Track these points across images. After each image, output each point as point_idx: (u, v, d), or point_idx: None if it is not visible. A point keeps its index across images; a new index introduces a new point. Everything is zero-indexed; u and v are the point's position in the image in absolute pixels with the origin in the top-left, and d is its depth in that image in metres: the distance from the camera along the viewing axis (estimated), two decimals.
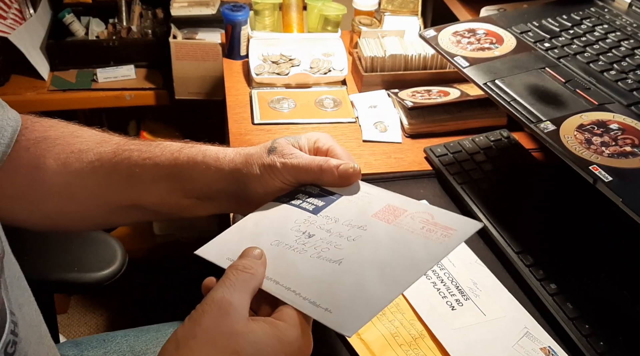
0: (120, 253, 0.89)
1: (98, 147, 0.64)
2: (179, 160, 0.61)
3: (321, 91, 1.05)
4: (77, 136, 0.66)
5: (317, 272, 0.49)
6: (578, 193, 0.80)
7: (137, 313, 1.65)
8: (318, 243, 0.52)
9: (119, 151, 0.63)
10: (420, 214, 0.54)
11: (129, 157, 0.62)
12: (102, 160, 0.63)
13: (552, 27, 0.83)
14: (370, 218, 0.55)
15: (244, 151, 0.61)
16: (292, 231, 0.54)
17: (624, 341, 0.62)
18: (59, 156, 0.63)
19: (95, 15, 1.59)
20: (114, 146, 0.64)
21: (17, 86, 1.47)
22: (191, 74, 1.44)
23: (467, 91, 1.00)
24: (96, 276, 0.86)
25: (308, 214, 0.56)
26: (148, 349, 0.85)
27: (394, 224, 0.53)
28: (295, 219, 0.55)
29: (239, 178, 0.59)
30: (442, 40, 0.82)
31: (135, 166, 0.62)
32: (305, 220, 0.55)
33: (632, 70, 0.74)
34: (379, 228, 0.53)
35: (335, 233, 0.53)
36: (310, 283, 0.48)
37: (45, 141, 0.64)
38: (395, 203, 0.57)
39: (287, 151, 0.59)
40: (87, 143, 0.65)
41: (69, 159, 0.63)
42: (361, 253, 0.51)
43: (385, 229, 0.53)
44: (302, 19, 1.19)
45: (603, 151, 0.63)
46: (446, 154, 0.87)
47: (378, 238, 0.52)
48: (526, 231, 0.74)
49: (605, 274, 0.68)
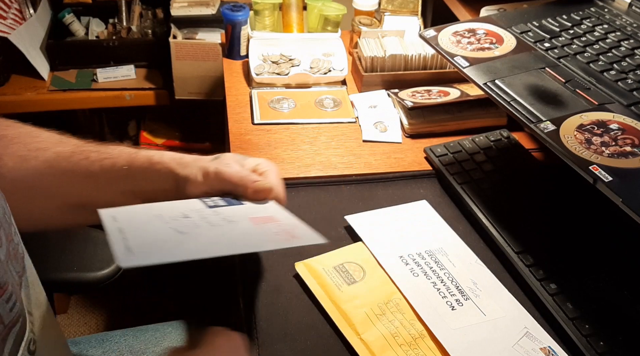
0: None
1: (56, 147, 0.65)
2: (136, 160, 0.64)
3: (321, 91, 1.05)
4: (34, 136, 0.67)
5: (159, 234, 0.53)
6: (578, 193, 0.80)
7: (137, 313, 1.65)
8: (183, 221, 0.55)
9: (77, 151, 0.65)
10: (286, 226, 0.58)
11: (88, 157, 0.64)
12: (60, 159, 0.64)
13: (552, 27, 0.83)
14: (246, 219, 0.58)
15: (193, 156, 0.65)
16: (178, 212, 0.57)
17: (624, 341, 0.62)
18: (17, 153, 0.64)
19: (95, 15, 1.59)
20: (73, 146, 0.66)
21: (17, 85, 1.47)
22: (191, 74, 1.44)
23: (467, 91, 1.00)
24: (96, 276, 0.86)
25: (203, 207, 0.59)
26: (147, 348, 0.86)
27: (257, 226, 0.56)
28: (191, 207, 0.59)
29: (179, 179, 0.63)
30: (442, 40, 0.82)
31: (92, 166, 0.64)
32: (197, 210, 0.58)
33: (632, 70, 0.74)
34: (244, 225, 0.56)
35: (206, 220, 0.56)
36: (144, 235, 0.52)
37: (3, 140, 0.65)
38: (281, 219, 0.59)
39: (225, 161, 0.63)
40: (45, 143, 0.66)
41: (27, 157, 0.64)
42: (205, 232, 0.54)
43: (247, 227, 0.57)
44: (302, 19, 1.19)
45: (603, 151, 0.63)
46: (446, 154, 0.87)
47: (232, 229, 0.55)
48: (526, 231, 0.74)
49: (605, 274, 0.68)
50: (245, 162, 0.65)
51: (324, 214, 0.79)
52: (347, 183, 0.85)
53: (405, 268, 0.70)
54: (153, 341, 0.87)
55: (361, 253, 0.72)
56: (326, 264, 0.70)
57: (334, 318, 0.65)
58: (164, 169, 0.63)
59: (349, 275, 0.69)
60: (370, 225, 0.76)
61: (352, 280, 0.68)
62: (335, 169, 0.88)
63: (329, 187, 0.84)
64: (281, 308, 0.67)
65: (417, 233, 0.76)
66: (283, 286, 0.69)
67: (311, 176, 0.87)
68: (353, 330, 0.63)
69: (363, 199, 0.82)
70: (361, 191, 0.84)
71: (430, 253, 0.73)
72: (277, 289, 0.69)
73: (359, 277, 0.69)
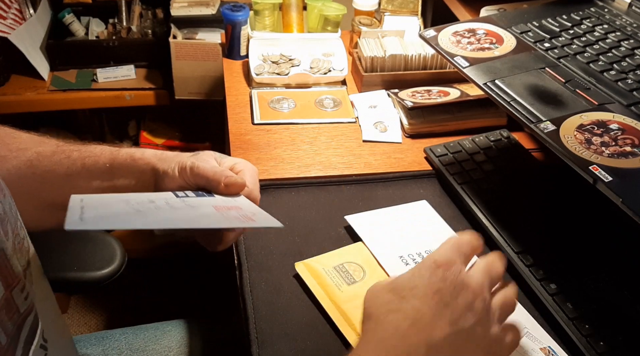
0: (119, 252, 0.89)
1: (37, 147, 0.66)
2: (118, 157, 0.64)
3: (321, 91, 1.05)
4: (14, 136, 0.67)
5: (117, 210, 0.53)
6: (578, 193, 0.80)
7: (137, 313, 1.65)
8: (146, 204, 0.55)
9: (58, 151, 0.65)
10: (246, 212, 0.59)
11: (69, 156, 0.65)
12: (42, 158, 0.64)
13: (552, 27, 0.83)
14: (209, 207, 0.58)
15: (174, 153, 0.66)
16: (146, 198, 0.57)
17: (624, 341, 0.62)
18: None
19: (95, 16, 1.59)
20: (54, 146, 0.66)
21: (17, 86, 1.47)
22: (191, 74, 1.44)
23: (467, 91, 1.00)
24: (96, 275, 0.86)
25: (172, 195, 0.60)
26: (147, 346, 0.86)
27: (219, 212, 0.57)
28: (161, 196, 0.59)
29: (158, 174, 0.64)
30: (442, 41, 0.82)
31: (74, 164, 0.64)
32: (165, 198, 0.59)
33: (632, 70, 0.74)
34: (205, 209, 0.57)
35: (169, 205, 0.57)
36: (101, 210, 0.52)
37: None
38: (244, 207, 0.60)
39: (203, 158, 0.63)
40: (26, 143, 0.66)
41: (8, 157, 0.64)
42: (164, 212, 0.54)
43: (208, 211, 0.57)
44: (302, 19, 1.19)
45: (603, 151, 0.63)
46: (446, 154, 0.87)
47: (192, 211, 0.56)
48: (526, 231, 0.74)
49: (605, 274, 0.68)
50: (222, 160, 0.65)
51: (324, 214, 0.79)
52: (347, 183, 0.85)
53: (406, 268, 0.70)
54: (153, 339, 0.87)
55: (361, 253, 0.72)
56: (326, 264, 0.70)
57: (334, 318, 0.65)
58: (145, 165, 0.64)
59: (349, 275, 0.69)
60: (370, 225, 0.76)
61: (352, 280, 0.68)
62: (335, 169, 0.88)
63: (329, 187, 0.84)
64: (281, 308, 0.67)
65: (417, 233, 0.76)
66: (283, 286, 0.69)
67: (311, 176, 0.87)
68: (353, 329, 0.63)
69: (363, 199, 0.82)
70: (361, 191, 0.84)
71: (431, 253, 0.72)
72: (277, 289, 0.69)
73: (359, 277, 0.69)
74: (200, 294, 1.68)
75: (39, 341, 0.53)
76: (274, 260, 0.72)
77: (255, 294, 0.68)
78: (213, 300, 1.64)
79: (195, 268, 1.74)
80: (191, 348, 0.87)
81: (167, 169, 0.63)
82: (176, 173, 0.62)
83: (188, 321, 0.92)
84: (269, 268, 0.71)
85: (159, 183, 0.64)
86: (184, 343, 0.87)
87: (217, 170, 0.62)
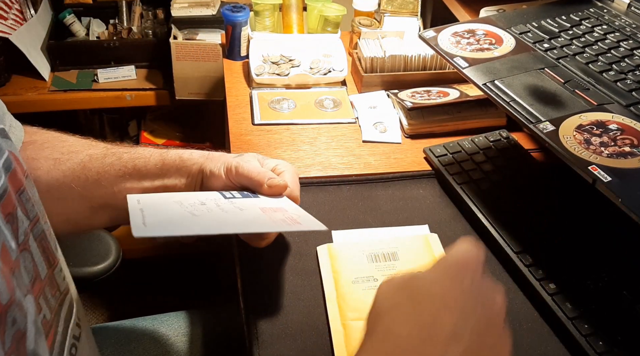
0: (114, 248, 0.89)
1: (87, 149, 0.68)
2: (167, 158, 0.67)
3: (321, 92, 1.06)
4: (63, 140, 0.70)
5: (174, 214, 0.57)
6: (577, 193, 0.80)
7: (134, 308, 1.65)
8: (198, 207, 0.59)
9: (109, 153, 0.68)
10: (292, 215, 0.61)
11: (120, 158, 0.67)
12: (93, 160, 0.67)
13: (551, 27, 0.83)
14: (256, 208, 0.61)
15: (219, 153, 0.70)
16: (196, 200, 0.61)
17: (624, 341, 0.62)
18: (50, 156, 0.67)
19: (95, 16, 1.59)
20: (103, 148, 0.69)
21: (18, 86, 1.48)
22: (191, 75, 1.44)
23: (466, 91, 1.00)
24: (91, 271, 0.87)
25: (220, 196, 0.63)
26: (144, 335, 0.86)
27: (265, 214, 0.60)
28: (210, 197, 0.62)
29: (205, 173, 0.67)
30: (442, 41, 0.82)
31: (126, 166, 0.67)
32: (214, 199, 0.62)
33: (631, 70, 0.74)
34: (253, 211, 0.60)
35: (220, 207, 0.60)
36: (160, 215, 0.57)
37: (34, 145, 0.67)
38: (289, 210, 0.63)
39: (246, 158, 0.67)
40: (76, 146, 0.69)
41: (61, 159, 0.67)
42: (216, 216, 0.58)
43: (256, 213, 0.60)
44: (302, 19, 1.19)
45: (602, 151, 0.63)
46: (446, 154, 0.87)
47: (242, 214, 0.59)
48: (526, 231, 0.74)
49: (605, 274, 0.68)
50: (265, 161, 0.69)
51: (324, 214, 0.80)
52: (347, 183, 0.85)
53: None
54: (150, 328, 0.87)
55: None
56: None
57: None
58: (195, 164, 0.67)
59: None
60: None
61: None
62: (335, 170, 0.88)
63: (329, 187, 0.85)
64: (281, 308, 0.67)
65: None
66: (284, 285, 0.70)
67: (311, 176, 0.87)
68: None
69: (363, 199, 0.82)
70: (361, 191, 0.84)
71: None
72: (278, 288, 0.69)
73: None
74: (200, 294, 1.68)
75: (75, 320, 0.56)
76: (274, 260, 0.72)
77: (256, 294, 0.68)
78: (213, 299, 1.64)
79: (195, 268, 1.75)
80: (191, 336, 0.87)
81: (214, 169, 0.66)
82: (222, 173, 0.66)
83: (188, 312, 0.92)
84: (270, 267, 0.72)
85: (205, 182, 0.67)
86: (182, 333, 0.88)
87: (261, 171, 0.65)
